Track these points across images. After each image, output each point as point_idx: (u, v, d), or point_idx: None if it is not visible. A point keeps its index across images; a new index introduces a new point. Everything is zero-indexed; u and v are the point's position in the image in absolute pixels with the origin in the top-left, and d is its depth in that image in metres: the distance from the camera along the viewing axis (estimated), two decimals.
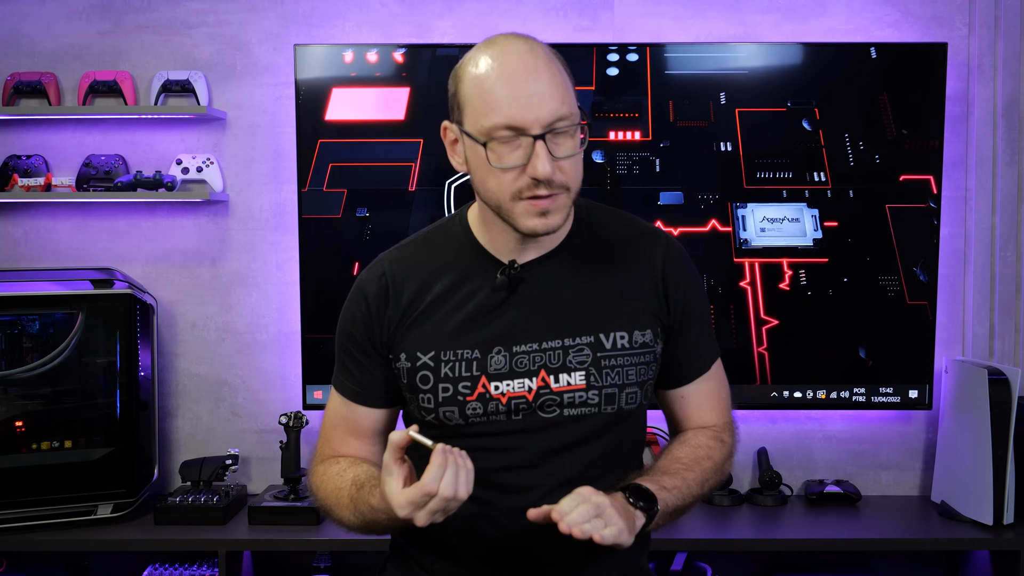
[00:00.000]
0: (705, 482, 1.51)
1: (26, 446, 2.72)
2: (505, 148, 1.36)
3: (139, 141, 3.02)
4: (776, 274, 2.87)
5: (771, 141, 2.86)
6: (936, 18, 2.96)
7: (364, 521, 1.44)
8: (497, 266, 1.48)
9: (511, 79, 1.35)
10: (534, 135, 1.34)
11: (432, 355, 1.46)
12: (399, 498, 1.27)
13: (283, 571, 2.99)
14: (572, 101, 1.38)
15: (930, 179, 2.84)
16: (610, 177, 2.86)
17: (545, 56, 1.38)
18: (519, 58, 1.37)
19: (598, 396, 1.45)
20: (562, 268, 1.50)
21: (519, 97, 1.34)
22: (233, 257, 3.04)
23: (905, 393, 2.89)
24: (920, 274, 2.86)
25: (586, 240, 1.53)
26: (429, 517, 1.28)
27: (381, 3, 2.99)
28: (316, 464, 1.57)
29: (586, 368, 1.45)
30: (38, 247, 3.03)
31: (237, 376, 3.06)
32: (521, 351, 1.45)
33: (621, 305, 1.49)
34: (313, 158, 2.86)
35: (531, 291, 1.48)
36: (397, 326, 1.49)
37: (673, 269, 1.53)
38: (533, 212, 1.38)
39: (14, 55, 3.00)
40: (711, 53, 2.86)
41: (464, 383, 1.45)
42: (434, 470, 1.25)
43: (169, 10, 2.99)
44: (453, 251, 1.52)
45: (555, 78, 1.37)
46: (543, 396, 1.45)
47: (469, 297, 1.48)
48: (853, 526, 2.75)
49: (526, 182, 1.36)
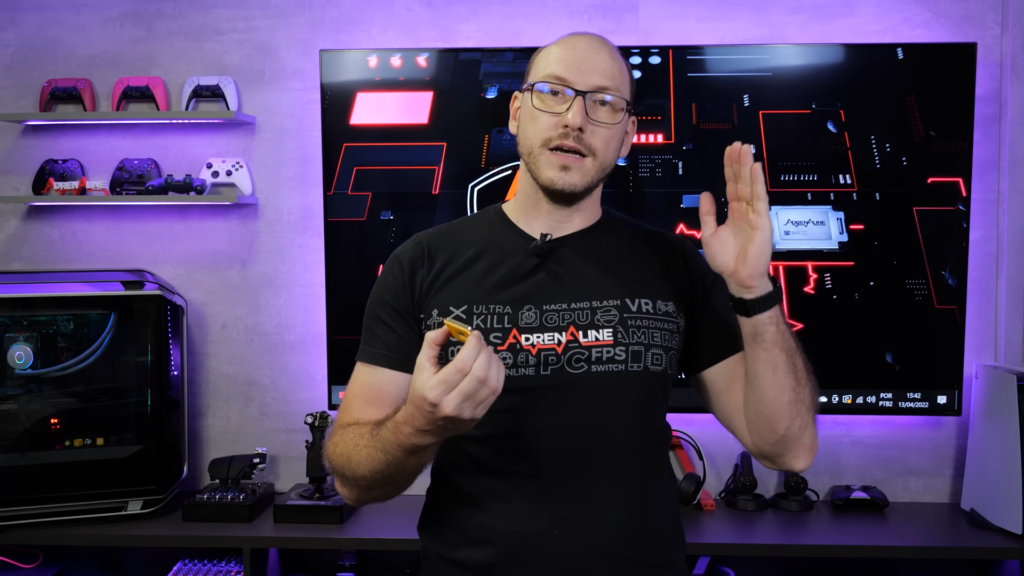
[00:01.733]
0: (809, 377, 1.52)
1: (60, 443, 2.79)
2: (551, 97, 1.51)
3: (171, 145, 3.08)
4: (801, 277, 2.85)
5: (795, 143, 2.83)
6: (967, 17, 2.91)
7: (384, 449, 1.38)
8: (527, 240, 1.58)
9: (575, 46, 1.54)
10: (577, 90, 1.48)
11: (465, 308, 1.52)
12: (432, 379, 1.25)
13: (309, 568, 3.03)
14: (622, 86, 1.53)
15: (959, 181, 2.79)
16: (632, 180, 2.85)
17: (610, 46, 1.55)
18: (587, 39, 1.55)
19: (625, 352, 1.49)
20: (589, 247, 1.59)
21: (575, 58, 1.51)
22: (262, 259, 3.09)
23: (933, 399, 2.85)
24: (949, 278, 2.82)
25: (610, 229, 1.63)
26: (459, 400, 1.24)
27: (407, 8, 3.02)
28: (335, 432, 1.55)
29: (613, 326, 1.51)
30: (74, 249, 3.11)
31: (266, 376, 3.11)
32: (551, 309, 1.52)
33: (645, 277, 1.58)
34: (338, 162, 2.90)
35: (560, 261, 1.56)
36: (430, 286, 1.56)
37: (695, 258, 1.63)
38: (556, 164, 1.50)
39: (51, 62, 3.08)
40: (734, 55, 2.84)
41: (496, 334, 1.50)
42: (469, 351, 1.24)
43: (200, 16, 3.05)
44: (488, 230, 1.62)
45: (613, 60, 1.53)
46: (572, 349, 1.49)
47: (501, 262, 1.56)
48: (880, 533, 2.71)
49: (558, 131, 1.49)
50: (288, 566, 2.98)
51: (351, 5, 3.03)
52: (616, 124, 1.51)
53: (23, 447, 2.76)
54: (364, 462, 1.43)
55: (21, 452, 2.75)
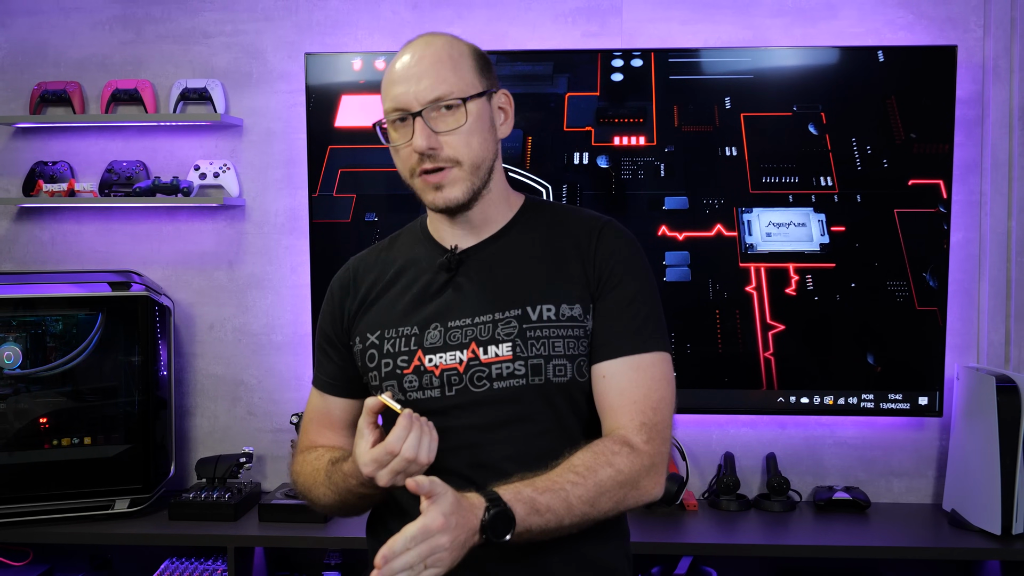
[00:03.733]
0: (601, 493, 1.40)
1: (48, 442, 2.82)
2: (399, 130, 1.50)
3: (159, 147, 3.11)
4: (782, 279, 2.86)
5: (777, 145, 2.85)
6: (950, 20, 2.92)
7: (338, 492, 1.52)
8: (442, 252, 1.58)
9: (400, 67, 1.50)
10: (412, 112, 1.47)
11: (378, 334, 1.57)
12: (365, 456, 1.37)
13: (295, 567, 3.06)
14: (458, 81, 1.48)
15: (940, 183, 2.80)
16: (615, 182, 2.87)
17: (439, 45, 1.50)
18: (411, 51, 1.51)
19: (524, 367, 1.48)
20: (499, 252, 1.57)
21: (403, 77, 1.48)
22: (249, 260, 3.11)
23: (914, 400, 2.86)
24: (930, 280, 2.83)
25: (525, 228, 1.60)
26: (391, 476, 1.36)
27: (392, 11, 3.04)
28: (297, 455, 1.68)
29: (512, 339, 1.49)
30: (64, 250, 3.14)
31: (253, 376, 3.14)
32: (455, 326, 1.52)
33: (551, 281, 1.54)
34: (323, 164, 2.92)
35: (469, 272, 1.56)
36: (355, 313, 1.61)
37: (606, 243, 1.55)
38: (428, 187, 1.50)
39: (41, 65, 3.11)
40: (716, 58, 2.86)
41: (402, 357, 1.53)
42: (399, 431, 1.35)
43: (188, 20, 3.08)
44: (409, 244, 1.64)
45: (439, 60, 1.48)
46: (473, 368, 1.49)
47: (415, 280, 1.58)
48: (862, 533, 2.73)
49: (416, 157, 1.48)
50: (274, 565, 3.01)
51: (337, 8, 3.05)
52: (464, 124, 1.47)
53: (12, 446, 2.79)
54: (321, 497, 1.58)
55: (10, 451, 2.78)
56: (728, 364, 2.89)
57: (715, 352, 2.89)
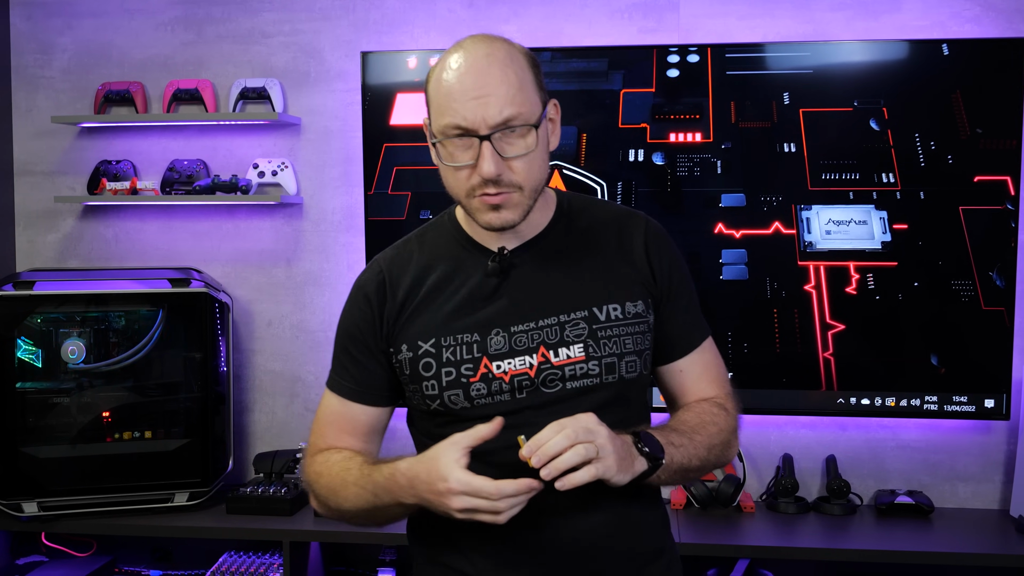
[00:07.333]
0: (711, 447, 1.50)
1: (110, 436, 2.87)
2: (458, 147, 1.41)
3: (219, 146, 3.16)
4: (842, 278, 2.80)
5: (837, 141, 2.79)
6: (1019, 11, 2.83)
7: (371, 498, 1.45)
8: (486, 254, 1.53)
9: (462, 80, 1.39)
10: (480, 136, 1.39)
11: (433, 342, 1.49)
12: (464, 477, 1.30)
13: (350, 563, 3.08)
14: (525, 101, 1.40)
15: (1007, 180, 2.73)
16: (671, 179, 2.84)
17: (501, 58, 1.40)
18: (473, 61, 1.40)
19: (598, 366, 1.47)
20: (547, 253, 1.54)
21: (467, 98, 1.38)
22: (307, 258, 3.14)
23: (980, 403, 2.78)
24: (997, 279, 2.75)
25: (567, 227, 1.57)
26: (466, 508, 1.30)
27: (449, 9, 3.05)
28: (312, 455, 1.58)
29: (583, 340, 1.47)
30: (127, 247, 3.21)
31: (310, 373, 3.16)
32: (519, 331, 1.48)
33: (610, 280, 1.52)
34: (379, 162, 2.94)
35: (522, 275, 1.52)
36: (396, 319, 1.53)
37: (655, 245, 1.57)
38: (486, 208, 1.43)
39: (105, 65, 3.18)
40: (773, 53, 2.81)
41: (467, 365, 1.47)
42: (515, 488, 1.29)
43: (247, 20, 3.12)
44: (444, 245, 1.57)
45: (506, 79, 1.39)
46: (545, 371, 1.47)
47: (463, 284, 1.52)
48: (924, 539, 2.66)
49: (477, 180, 1.41)
50: (330, 560, 3.03)
51: (393, 7, 3.06)
52: (533, 150, 1.41)
53: (76, 440, 2.85)
54: (351, 499, 1.49)
55: (73, 444, 2.85)
56: (786, 364, 2.84)
57: (773, 352, 2.84)
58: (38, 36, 3.21)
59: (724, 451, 1.54)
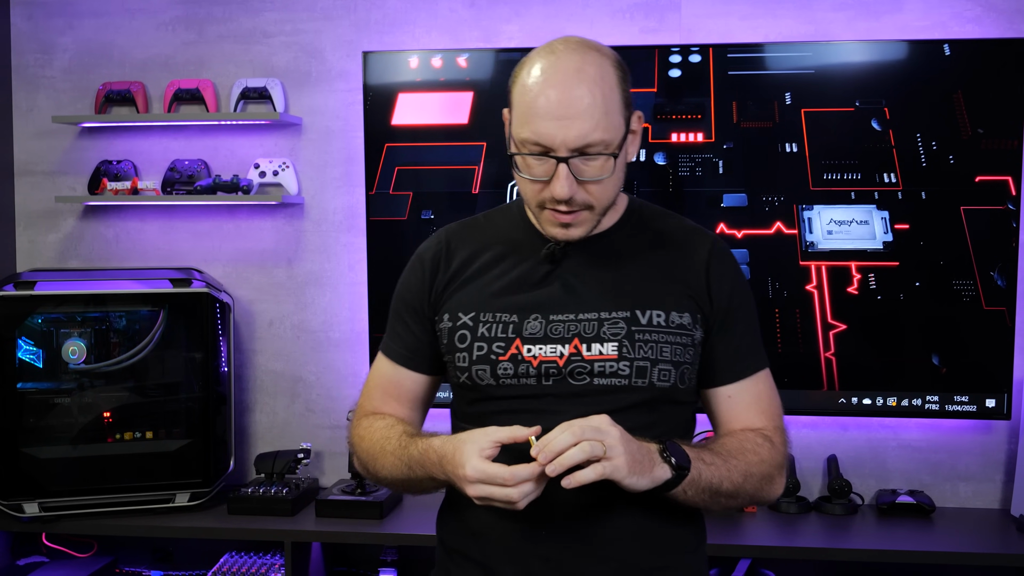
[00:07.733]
0: (748, 475, 1.45)
1: (111, 436, 2.87)
2: (535, 159, 1.41)
3: (220, 146, 3.15)
4: (844, 278, 2.81)
5: (839, 142, 2.79)
6: (1020, 12, 2.84)
7: (405, 470, 1.48)
8: (544, 241, 1.53)
9: (548, 96, 1.37)
10: (558, 157, 1.38)
11: (472, 315, 1.52)
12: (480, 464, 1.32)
13: (352, 563, 3.08)
14: (609, 127, 1.39)
15: (1008, 180, 2.73)
16: (672, 179, 2.84)
17: (592, 75, 1.38)
18: (562, 76, 1.38)
19: (629, 367, 1.45)
20: (606, 251, 1.54)
21: (550, 117, 1.37)
22: (308, 258, 3.14)
23: (981, 402, 2.78)
24: (998, 279, 2.75)
25: (632, 232, 1.57)
26: (482, 494, 1.32)
27: (450, 9, 3.04)
28: (359, 418, 1.63)
29: (619, 340, 1.46)
30: (127, 247, 3.20)
31: (311, 373, 3.16)
32: (557, 319, 1.48)
33: (660, 287, 1.51)
34: (380, 162, 2.94)
35: (573, 267, 1.52)
36: (445, 288, 1.56)
37: (718, 264, 1.55)
38: (555, 222, 1.45)
39: (106, 65, 3.18)
40: (775, 53, 2.81)
41: (498, 343, 1.48)
42: (527, 473, 1.30)
43: (249, 20, 3.12)
44: (507, 227, 1.60)
45: (594, 102, 1.37)
46: (574, 363, 1.46)
47: (514, 266, 1.54)
48: (925, 538, 2.66)
49: (549, 196, 1.41)
50: (331, 560, 3.03)
51: (395, 7, 3.06)
52: (611, 175, 1.41)
53: (76, 440, 2.85)
54: (388, 467, 1.52)
55: (74, 444, 2.84)
56: (788, 364, 2.84)
57: (774, 352, 2.84)
58: (39, 36, 3.21)
59: (764, 484, 1.49)
